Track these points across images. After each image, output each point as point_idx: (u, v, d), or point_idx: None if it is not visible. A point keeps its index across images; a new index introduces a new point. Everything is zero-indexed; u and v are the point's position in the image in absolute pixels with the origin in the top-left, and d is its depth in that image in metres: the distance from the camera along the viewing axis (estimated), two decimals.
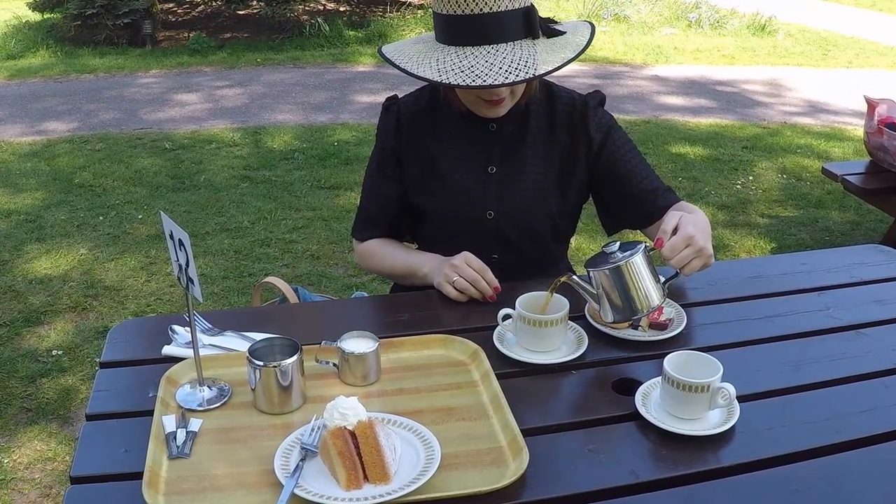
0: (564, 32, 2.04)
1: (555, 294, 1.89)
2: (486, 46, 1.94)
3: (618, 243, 1.90)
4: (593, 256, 1.92)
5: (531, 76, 1.90)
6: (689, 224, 1.96)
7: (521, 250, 2.26)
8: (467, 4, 1.91)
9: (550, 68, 1.92)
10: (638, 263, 1.85)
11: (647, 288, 1.85)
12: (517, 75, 1.90)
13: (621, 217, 2.34)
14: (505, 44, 1.94)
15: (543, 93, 2.24)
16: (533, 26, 1.97)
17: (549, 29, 2.03)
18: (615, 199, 2.30)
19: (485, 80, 1.89)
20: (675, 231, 1.97)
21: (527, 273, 2.20)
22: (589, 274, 1.88)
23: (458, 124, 2.23)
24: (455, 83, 1.91)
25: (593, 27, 2.09)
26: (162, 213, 1.71)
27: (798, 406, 1.72)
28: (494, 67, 1.90)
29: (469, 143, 2.23)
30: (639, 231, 2.34)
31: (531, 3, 1.99)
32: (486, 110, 2.12)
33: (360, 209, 2.40)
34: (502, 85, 1.90)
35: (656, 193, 2.26)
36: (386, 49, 2.11)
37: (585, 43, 2.01)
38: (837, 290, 2.23)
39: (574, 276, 1.91)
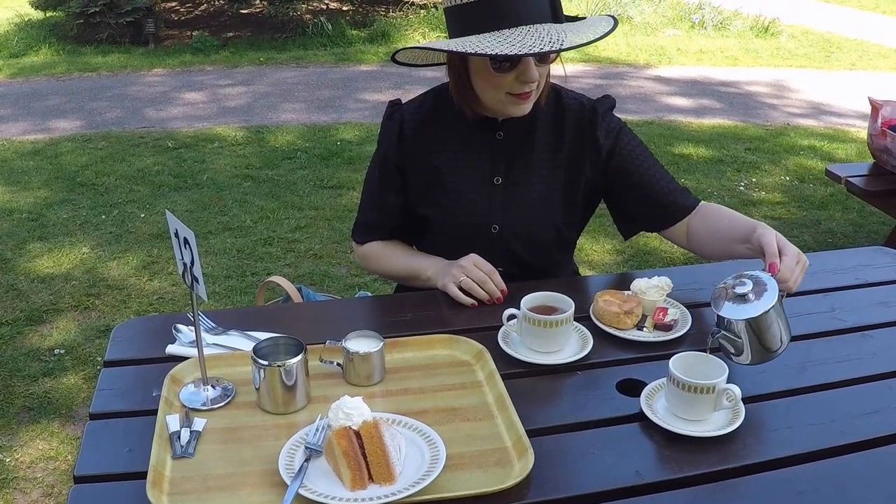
0: (585, 18, 2.03)
1: (560, 294, 1.89)
2: (521, 27, 1.88)
3: (738, 279, 1.74)
4: (717, 295, 1.75)
5: (579, 44, 1.84)
6: (786, 242, 1.91)
7: (525, 262, 2.24)
8: None
9: (595, 37, 1.87)
10: (779, 304, 1.72)
11: (785, 324, 1.74)
12: (561, 44, 1.83)
13: (639, 221, 2.31)
14: (538, 24, 1.89)
15: (551, 99, 2.20)
16: (557, 11, 1.94)
17: (570, 17, 2.01)
18: (632, 204, 2.27)
19: (531, 50, 1.82)
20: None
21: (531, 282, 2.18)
22: (725, 321, 1.72)
23: (464, 133, 2.19)
24: (507, 52, 1.82)
25: (614, 18, 2.06)
26: (167, 211, 1.71)
27: (803, 408, 1.71)
28: (535, 41, 1.84)
29: (475, 153, 2.19)
30: (656, 233, 2.31)
31: None
32: (512, 107, 2.05)
33: (360, 214, 2.37)
34: (557, 50, 1.83)
35: (674, 195, 2.23)
36: (405, 51, 2.08)
37: (614, 21, 1.98)
38: (842, 291, 2.22)
39: (721, 333, 1.73)
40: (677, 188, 2.25)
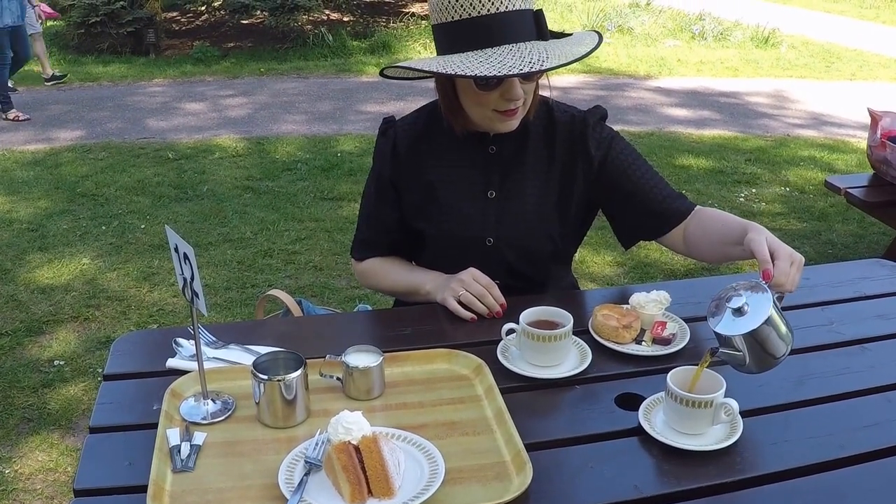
0: (571, 35, 2.03)
1: (559, 309, 1.90)
2: (505, 46, 1.88)
3: (732, 292, 1.71)
4: (712, 311, 1.72)
5: (563, 62, 1.85)
6: (777, 242, 1.86)
7: (522, 274, 2.24)
8: (482, 5, 1.87)
9: (577, 56, 1.87)
10: (775, 311, 1.68)
11: (785, 329, 1.70)
12: (542, 65, 1.83)
13: (636, 229, 2.29)
14: (523, 43, 1.89)
15: (542, 112, 2.20)
16: (543, 29, 1.94)
17: (556, 34, 2.02)
18: (628, 212, 2.25)
19: (511, 70, 1.82)
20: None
21: (530, 295, 2.18)
22: (723, 337, 1.68)
23: (457, 148, 2.19)
24: (488, 73, 1.82)
25: (599, 34, 2.06)
26: (167, 227, 1.72)
27: (801, 421, 1.71)
28: (517, 60, 1.84)
29: (468, 167, 2.19)
30: (654, 241, 2.29)
31: (540, 9, 1.97)
32: (499, 124, 2.06)
33: (358, 231, 2.37)
34: (537, 71, 1.84)
35: (668, 201, 2.21)
36: (391, 69, 2.09)
37: (599, 37, 1.98)
38: (841, 304, 2.22)
39: (721, 350, 1.70)
40: (672, 194, 2.24)
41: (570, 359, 1.89)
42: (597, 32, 2.04)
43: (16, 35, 8.17)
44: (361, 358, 1.75)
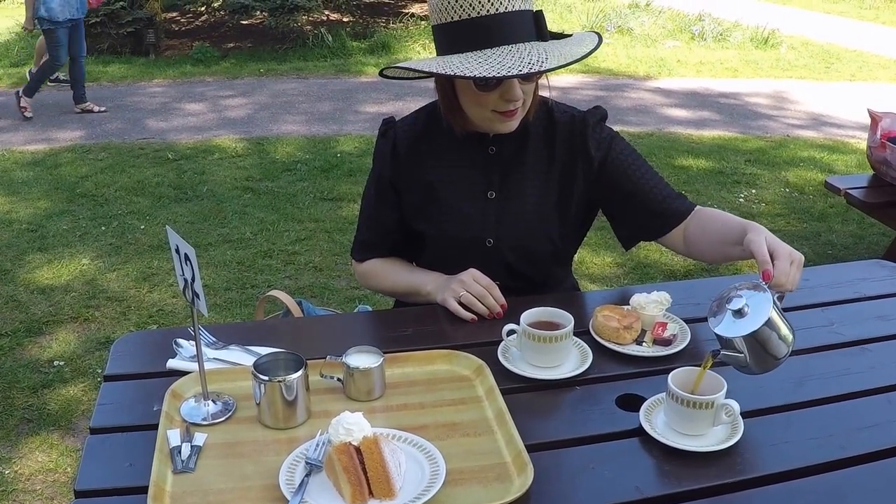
0: (571, 35, 2.03)
1: (560, 310, 1.89)
2: (504, 47, 1.88)
3: (732, 294, 1.70)
4: (713, 312, 1.71)
5: (563, 63, 1.85)
6: (777, 242, 1.86)
7: (522, 275, 2.24)
8: (482, 5, 1.87)
9: (576, 57, 1.87)
10: (776, 312, 1.68)
11: (786, 329, 1.70)
12: (541, 66, 1.83)
13: (636, 230, 2.28)
14: (522, 44, 1.90)
15: (542, 112, 2.20)
16: (542, 30, 1.94)
17: (556, 34, 2.01)
18: (628, 213, 2.25)
19: (510, 71, 1.82)
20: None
21: (531, 295, 2.18)
22: (724, 339, 1.67)
23: (457, 148, 2.19)
24: (487, 74, 1.82)
25: (599, 35, 2.06)
26: (168, 227, 1.71)
27: (802, 422, 1.71)
28: (517, 61, 1.84)
29: (468, 168, 2.19)
30: (655, 241, 2.29)
31: (540, 9, 1.97)
32: (499, 124, 2.05)
33: (358, 232, 2.37)
34: (536, 73, 1.84)
35: (668, 202, 2.21)
36: (391, 69, 2.09)
37: (598, 38, 1.98)
38: (841, 305, 2.22)
39: (722, 352, 1.69)
40: (671, 194, 2.23)
41: (571, 360, 1.89)
42: (596, 33, 2.04)
43: (73, 32, 7.97)
44: (362, 359, 1.75)
